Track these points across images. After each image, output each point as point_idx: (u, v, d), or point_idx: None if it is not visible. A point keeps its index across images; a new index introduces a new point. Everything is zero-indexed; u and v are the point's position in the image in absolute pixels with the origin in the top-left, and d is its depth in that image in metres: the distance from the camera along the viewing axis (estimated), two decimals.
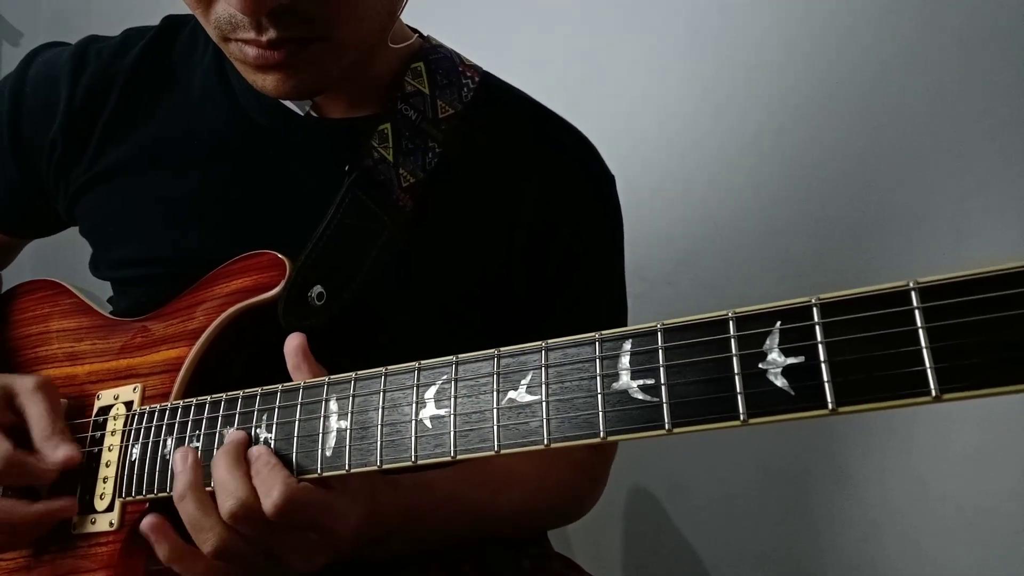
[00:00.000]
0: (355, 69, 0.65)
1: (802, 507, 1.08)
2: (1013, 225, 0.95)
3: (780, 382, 0.40)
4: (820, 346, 0.39)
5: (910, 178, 1.03)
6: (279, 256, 0.66)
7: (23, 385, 0.67)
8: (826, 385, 0.39)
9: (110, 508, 0.64)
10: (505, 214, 0.72)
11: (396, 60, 0.74)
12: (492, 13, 1.38)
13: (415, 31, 0.78)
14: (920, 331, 0.37)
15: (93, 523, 0.65)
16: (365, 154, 0.69)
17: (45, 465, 0.63)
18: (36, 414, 0.66)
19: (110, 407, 0.68)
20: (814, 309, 0.40)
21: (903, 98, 1.04)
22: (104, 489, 0.65)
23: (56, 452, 0.64)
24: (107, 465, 0.66)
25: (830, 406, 0.38)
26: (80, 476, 0.67)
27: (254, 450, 0.55)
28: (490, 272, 0.72)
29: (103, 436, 0.67)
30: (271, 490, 0.52)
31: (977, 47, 0.99)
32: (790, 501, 1.08)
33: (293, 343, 0.59)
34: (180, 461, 0.58)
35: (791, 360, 0.40)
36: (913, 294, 0.38)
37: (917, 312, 0.37)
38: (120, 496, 0.64)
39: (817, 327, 0.40)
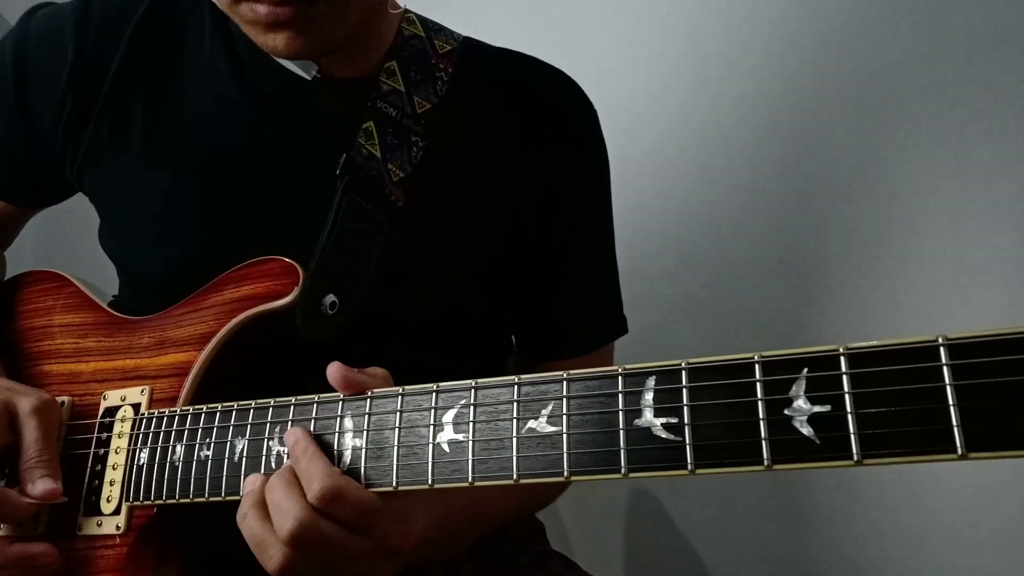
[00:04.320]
0: (358, 30, 0.66)
1: (802, 507, 1.08)
2: (1013, 225, 0.95)
3: (806, 430, 0.40)
4: (847, 396, 0.39)
5: (910, 178, 1.02)
6: (292, 263, 0.65)
7: (23, 405, 0.66)
8: (852, 436, 0.39)
9: (117, 511, 0.64)
10: (498, 190, 0.74)
11: (391, 28, 0.75)
12: (492, 13, 1.37)
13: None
14: (948, 388, 0.37)
15: (99, 525, 0.64)
16: (355, 152, 0.70)
17: (21, 501, 0.62)
18: (28, 441, 0.64)
19: (117, 408, 0.68)
20: (842, 359, 0.40)
21: (903, 98, 1.04)
22: (111, 492, 0.65)
23: (35, 487, 0.62)
24: (114, 468, 0.65)
25: (855, 458, 0.39)
26: (84, 477, 0.67)
27: (289, 434, 0.55)
28: (491, 251, 0.74)
29: (109, 438, 0.67)
30: (311, 481, 0.51)
31: (977, 47, 0.99)
32: (790, 501, 1.09)
33: (334, 375, 0.57)
34: (250, 482, 0.56)
35: (817, 408, 0.40)
36: (942, 350, 0.38)
37: (945, 369, 0.38)
38: (127, 500, 0.64)
39: (844, 377, 0.40)
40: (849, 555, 1.05)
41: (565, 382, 0.48)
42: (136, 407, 0.67)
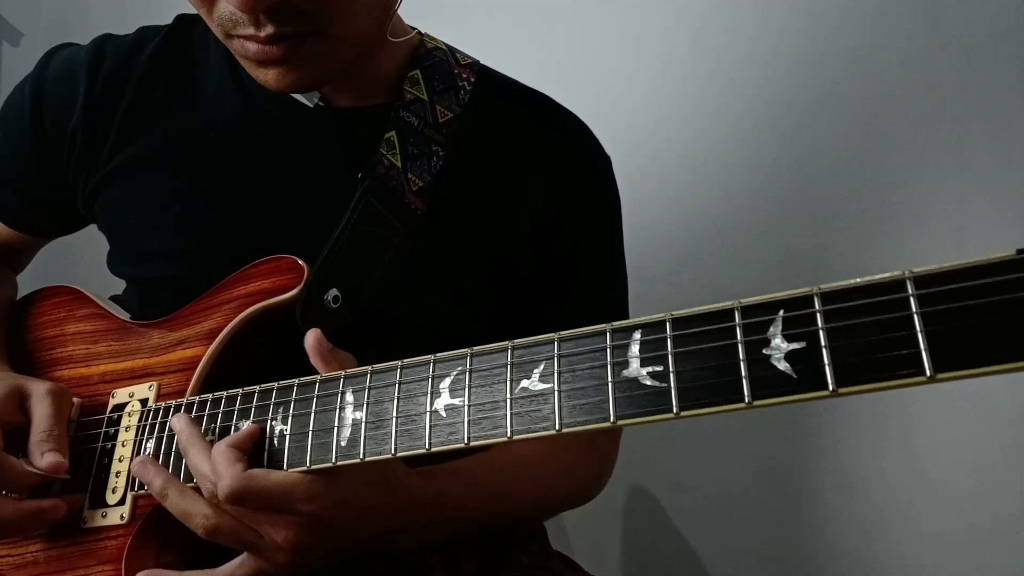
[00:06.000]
0: (355, 63, 0.67)
1: (802, 507, 1.08)
2: (1013, 225, 0.96)
3: (783, 366, 0.42)
4: (821, 332, 0.41)
5: (910, 178, 1.03)
6: (298, 261, 0.68)
7: (37, 388, 0.69)
8: (827, 368, 0.41)
9: (121, 502, 0.65)
10: (512, 205, 0.76)
11: (398, 53, 0.77)
12: (492, 13, 1.39)
13: (413, 28, 0.81)
14: (915, 316, 0.39)
15: (104, 516, 0.66)
16: (376, 161, 0.72)
17: (22, 469, 0.64)
18: (38, 417, 0.67)
19: (125, 404, 0.70)
20: (815, 298, 0.42)
21: (903, 98, 1.05)
22: (116, 483, 0.66)
23: (42, 459, 0.65)
24: (120, 460, 0.67)
25: (831, 387, 0.40)
26: (91, 471, 0.68)
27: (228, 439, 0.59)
28: (502, 263, 0.75)
29: (117, 432, 0.69)
30: (220, 480, 0.55)
31: (977, 47, 1.00)
32: (790, 501, 1.09)
33: (309, 341, 0.60)
34: (141, 469, 0.62)
35: (793, 345, 0.42)
36: (908, 283, 0.40)
37: (912, 299, 0.40)
38: (132, 490, 0.65)
39: (818, 314, 0.42)
40: (849, 555, 1.04)
41: (556, 342, 0.50)
42: (144, 402, 0.69)
